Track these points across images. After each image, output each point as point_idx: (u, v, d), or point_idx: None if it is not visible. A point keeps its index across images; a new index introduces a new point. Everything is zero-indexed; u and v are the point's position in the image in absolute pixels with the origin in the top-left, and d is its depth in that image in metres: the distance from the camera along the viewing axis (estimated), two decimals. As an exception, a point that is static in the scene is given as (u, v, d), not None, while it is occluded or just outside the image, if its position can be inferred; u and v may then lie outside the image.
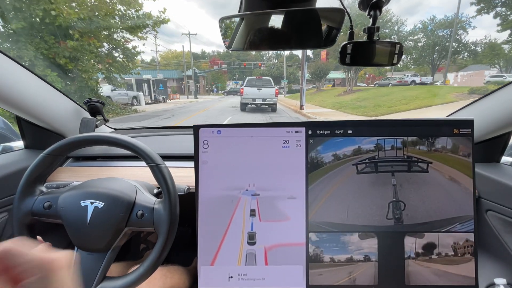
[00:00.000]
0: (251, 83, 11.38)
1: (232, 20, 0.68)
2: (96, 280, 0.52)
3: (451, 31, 23.60)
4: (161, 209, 0.54)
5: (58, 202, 0.55)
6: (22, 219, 0.54)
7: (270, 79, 12.06)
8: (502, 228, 0.69)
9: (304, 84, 11.21)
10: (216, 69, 35.24)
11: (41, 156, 0.56)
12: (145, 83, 17.94)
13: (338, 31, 0.62)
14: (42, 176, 0.59)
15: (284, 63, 33.95)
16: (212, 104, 18.01)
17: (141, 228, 0.55)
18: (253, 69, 37.88)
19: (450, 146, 0.54)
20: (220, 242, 0.55)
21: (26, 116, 0.85)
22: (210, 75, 46.20)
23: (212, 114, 11.14)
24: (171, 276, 0.78)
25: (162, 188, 0.55)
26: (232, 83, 51.53)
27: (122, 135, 0.58)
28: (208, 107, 14.66)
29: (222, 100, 22.71)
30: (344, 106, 12.60)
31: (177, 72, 35.84)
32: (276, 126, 0.56)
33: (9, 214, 0.79)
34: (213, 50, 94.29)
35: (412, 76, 23.30)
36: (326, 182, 0.55)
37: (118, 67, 8.38)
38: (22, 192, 0.55)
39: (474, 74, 19.75)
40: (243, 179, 0.56)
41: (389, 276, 0.53)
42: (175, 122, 8.87)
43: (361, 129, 0.55)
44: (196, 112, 11.84)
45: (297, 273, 0.54)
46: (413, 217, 0.54)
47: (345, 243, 0.54)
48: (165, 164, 0.56)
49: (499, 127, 0.70)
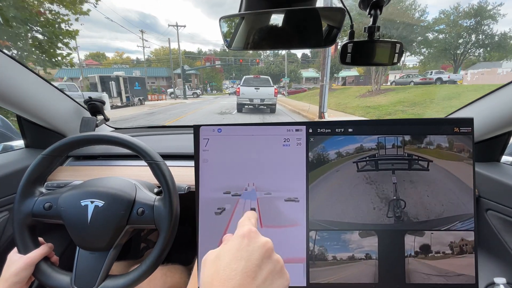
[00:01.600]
0: (248, 82, 10.76)
1: (232, 19, 0.68)
2: (99, 279, 0.52)
3: (477, 21, 19.94)
4: (162, 206, 0.54)
5: (58, 203, 0.55)
6: (23, 221, 0.54)
7: (269, 78, 11.44)
8: (502, 228, 0.69)
9: (327, 81, 7.50)
10: (209, 65, 32.02)
11: (40, 157, 0.56)
12: (112, 81, 14.72)
13: (339, 30, 0.63)
14: (42, 177, 0.58)
15: (286, 59, 30.74)
16: (199, 107, 15.23)
17: (142, 226, 0.56)
18: (250, 67, 35.77)
19: (450, 145, 0.54)
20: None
21: (27, 115, 0.85)
22: (204, 73, 43.55)
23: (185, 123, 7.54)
24: (172, 275, 0.79)
25: (162, 184, 0.55)
26: (229, 83, 49.05)
27: (120, 134, 0.58)
28: (188, 112, 12.17)
29: (214, 102, 19.88)
30: (388, 114, 8.91)
31: (167, 70, 32.53)
32: (277, 125, 0.56)
33: (9, 213, 0.79)
34: (210, 49, 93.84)
35: (437, 73, 19.59)
36: (327, 180, 0.55)
37: (40, 53, 5.02)
38: (22, 194, 0.55)
39: (485, 72, 17.92)
40: (243, 178, 0.56)
41: (390, 274, 0.53)
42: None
43: (362, 128, 0.55)
44: (167, 121, 9.22)
45: (297, 271, 0.54)
46: (414, 215, 0.54)
47: (346, 241, 0.54)
48: (163, 161, 0.56)
49: (499, 127, 0.70)
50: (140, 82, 17.82)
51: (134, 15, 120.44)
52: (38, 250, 0.54)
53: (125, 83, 15.64)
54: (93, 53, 58.22)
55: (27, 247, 0.53)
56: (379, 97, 12.48)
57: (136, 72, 23.33)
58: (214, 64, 29.94)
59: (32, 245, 0.54)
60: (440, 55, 22.84)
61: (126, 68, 36.30)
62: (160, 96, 23.84)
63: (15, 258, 0.52)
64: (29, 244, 0.54)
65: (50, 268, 0.54)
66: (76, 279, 0.52)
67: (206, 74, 44.69)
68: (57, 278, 0.53)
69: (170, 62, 28.33)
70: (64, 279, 0.53)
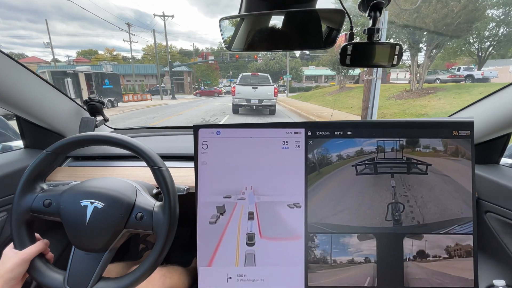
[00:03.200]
0: (245, 80, 9.53)
1: (232, 20, 0.68)
2: (92, 280, 0.52)
3: (505, 11, 13.37)
4: (161, 213, 0.54)
5: (58, 200, 0.55)
6: (21, 216, 0.54)
7: (268, 75, 10.05)
8: (501, 230, 0.69)
9: (378, 76, 4.90)
10: (200, 61, 29.03)
11: (44, 154, 0.56)
12: (68, 78, 11.64)
13: (338, 32, 0.62)
14: (43, 174, 0.59)
15: (287, 54, 26.04)
16: (182, 109, 12.51)
17: (139, 231, 0.55)
18: (247, 64, 33.16)
19: (449, 148, 0.54)
20: (218, 243, 0.55)
21: (26, 115, 0.85)
22: (199, 71, 41.07)
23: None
24: (171, 276, 0.78)
25: (163, 191, 0.55)
26: (226, 81, 45.79)
27: (126, 136, 0.58)
28: (166, 118, 9.75)
29: (203, 103, 16.71)
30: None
31: (157, 67, 28.98)
32: (276, 127, 0.56)
33: (8, 213, 0.79)
34: (207, 47, 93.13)
35: (466, 69, 16.03)
36: (325, 183, 0.55)
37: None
38: (22, 189, 0.55)
39: (498, 70, 15.39)
40: (242, 180, 0.55)
41: (388, 278, 0.53)
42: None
43: (361, 131, 0.55)
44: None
45: (296, 274, 0.54)
46: (412, 218, 0.54)
47: (344, 245, 0.54)
48: (166, 167, 0.56)
49: (498, 128, 0.70)
50: (112, 79, 14.59)
51: (129, 13, 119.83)
52: (34, 247, 0.54)
53: (88, 80, 12.67)
54: (85, 51, 57.12)
55: (23, 242, 0.53)
56: (429, 100, 8.71)
57: (107, 68, 18.84)
58: (206, 60, 27.02)
59: (28, 241, 0.54)
60: (460, 49, 16.49)
61: (115, 65, 34.93)
62: (144, 96, 20.40)
63: (11, 254, 0.52)
64: (25, 239, 0.54)
65: (45, 265, 0.54)
66: (69, 279, 0.52)
67: (201, 72, 42.35)
68: (51, 276, 0.53)
69: (155, 57, 24.98)
70: (57, 278, 0.53)
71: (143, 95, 20.77)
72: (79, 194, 0.55)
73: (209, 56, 26.39)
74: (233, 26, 0.68)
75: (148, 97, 20.93)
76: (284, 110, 11.74)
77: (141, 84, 30.67)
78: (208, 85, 41.82)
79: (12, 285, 0.50)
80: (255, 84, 9.24)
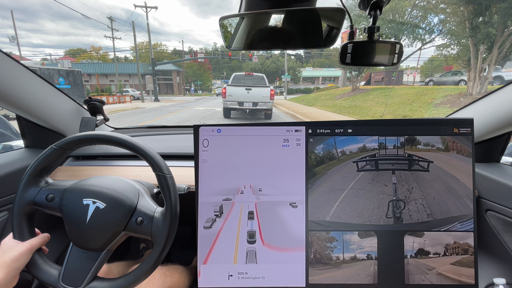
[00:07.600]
0: (238, 81, 8.39)
1: (232, 19, 0.68)
2: (87, 279, 0.53)
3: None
4: (161, 220, 0.54)
5: (61, 196, 0.55)
6: (23, 208, 0.54)
7: (264, 76, 8.83)
8: (501, 228, 0.69)
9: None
10: (188, 59, 26.01)
11: (52, 148, 0.56)
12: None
13: (339, 30, 0.63)
14: (48, 168, 0.59)
15: (285, 53, 24.37)
16: (152, 116, 9.62)
17: (138, 235, 0.55)
18: (241, 63, 30.38)
19: (450, 146, 0.54)
20: (214, 240, 0.55)
21: (27, 115, 0.85)
22: (190, 71, 38.61)
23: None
24: (171, 275, 0.78)
25: (165, 197, 0.55)
26: (220, 83, 43.14)
27: (135, 139, 0.58)
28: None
29: (186, 107, 13.48)
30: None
31: (142, 66, 27.12)
32: (276, 125, 0.56)
33: (9, 213, 0.79)
34: (201, 47, 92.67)
35: (495, 70, 11.69)
36: (326, 180, 0.55)
37: None
38: (27, 181, 0.55)
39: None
40: (242, 178, 0.56)
41: (389, 275, 0.53)
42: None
43: (361, 128, 0.55)
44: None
45: (297, 272, 0.54)
46: (413, 216, 0.54)
47: (345, 242, 0.54)
48: (171, 174, 0.56)
49: (499, 127, 0.70)
50: (71, 77, 11.67)
51: (120, 12, 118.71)
52: (38, 238, 0.54)
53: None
54: (73, 50, 55.07)
55: (24, 234, 0.54)
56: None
57: (63, 63, 15.46)
58: (195, 58, 24.61)
59: (28, 233, 0.54)
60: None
61: (98, 63, 33.16)
62: (122, 98, 17.27)
63: (11, 243, 0.52)
64: (25, 231, 0.54)
65: (41, 259, 0.54)
66: (64, 276, 0.53)
67: (193, 72, 39.60)
68: (47, 272, 0.53)
69: (135, 53, 21.64)
70: (53, 273, 0.53)
71: (120, 96, 17.69)
72: (82, 192, 0.55)
73: (197, 54, 24.22)
74: (229, 24, 0.69)
75: (126, 99, 17.77)
76: (286, 117, 9.92)
77: (119, 85, 28.31)
78: (200, 86, 39.89)
79: (15, 275, 0.50)
80: (249, 85, 8.15)
